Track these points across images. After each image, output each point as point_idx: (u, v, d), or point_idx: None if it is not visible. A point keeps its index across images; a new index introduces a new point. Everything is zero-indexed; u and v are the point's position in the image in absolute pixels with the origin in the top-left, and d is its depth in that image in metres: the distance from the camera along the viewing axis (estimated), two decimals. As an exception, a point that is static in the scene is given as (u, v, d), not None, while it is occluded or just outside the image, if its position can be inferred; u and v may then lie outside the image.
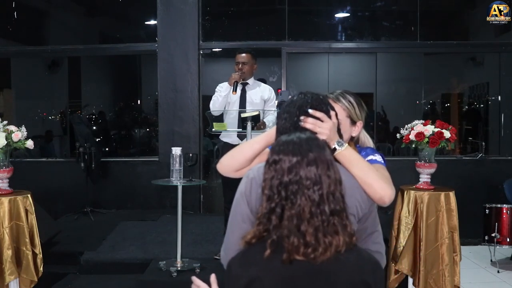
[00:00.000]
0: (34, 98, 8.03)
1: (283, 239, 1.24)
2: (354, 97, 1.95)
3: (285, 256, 1.23)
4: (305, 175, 1.27)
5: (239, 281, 1.27)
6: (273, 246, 1.24)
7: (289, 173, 1.28)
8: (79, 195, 5.88)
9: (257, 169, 1.58)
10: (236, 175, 1.78)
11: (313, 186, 1.27)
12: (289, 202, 1.26)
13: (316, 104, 1.62)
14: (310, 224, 1.24)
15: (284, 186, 1.27)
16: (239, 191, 1.59)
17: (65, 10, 7.49)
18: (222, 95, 4.10)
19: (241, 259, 1.31)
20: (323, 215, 1.25)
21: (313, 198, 1.26)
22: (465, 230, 4.00)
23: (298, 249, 1.23)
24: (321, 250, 1.23)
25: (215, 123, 3.82)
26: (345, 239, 1.27)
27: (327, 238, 1.24)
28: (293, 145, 1.32)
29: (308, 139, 1.35)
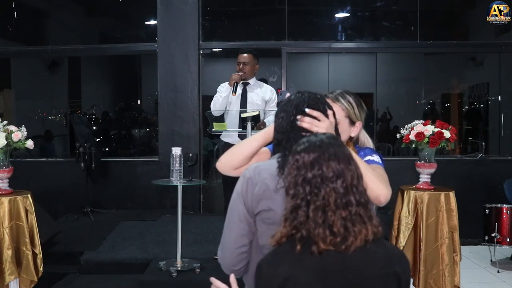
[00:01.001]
0: (34, 98, 8.03)
1: (311, 232, 1.25)
2: (354, 97, 1.94)
3: (314, 248, 1.24)
4: (327, 169, 1.29)
5: (272, 281, 1.26)
6: (302, 241, 1.25)
7: (312, 168, 1.30)
8: (79, 195, 5.88)
9: (253, 168, 1.58)
10: (235, 173, 1.79)
11: (336, 179, 1.29)
12: (313, 196, 1.28)
13: (313, 103, 1.62)
14: (336, 214, 1.26)
15: (308, 182, 1.29)
16: (236, 190, 1.60)
17: (65, 10, 7.49)
18: (223, 96, 4.10)
19: (272, 259, 1.30)
20: (349, 205, 1.28)
21: (338, 190, 1.28)
22: (465, 230, 4.01)
23: (325, 239, 1.24)
24: (351, 239, 1.25)
25: (215, 123, 3.82)
26: (373, 230, 1.29)
27: (356, 227, 1.26)
28: (313, 143, 1.34)
29: (328, 137, 1.38)
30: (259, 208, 1.53)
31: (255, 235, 1.56)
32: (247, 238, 1.56)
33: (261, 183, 1.53)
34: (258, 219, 1.54)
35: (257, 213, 1.54)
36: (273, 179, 1.52)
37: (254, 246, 1.57)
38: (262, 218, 1.53)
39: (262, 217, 1.53)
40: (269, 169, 1.55)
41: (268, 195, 1.52)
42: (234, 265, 1.58)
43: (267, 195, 1.52)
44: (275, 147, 1.65)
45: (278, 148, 1.62)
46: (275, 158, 1.57)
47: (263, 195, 1.52)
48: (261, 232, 1.54)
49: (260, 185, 1.53)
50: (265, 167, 1.57)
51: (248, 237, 1.56)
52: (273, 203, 1.51)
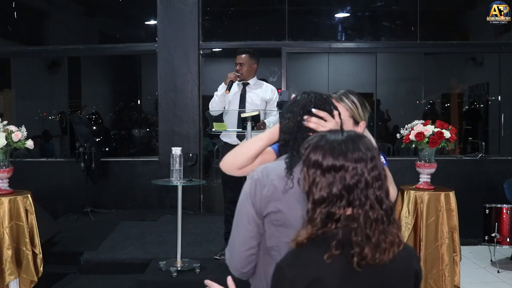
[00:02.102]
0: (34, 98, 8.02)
1: (354, 246, 1.22)
2: (358, 97, 1.94)
3: (356, 263, 1.22)
4: (370, 179, 1.25)
5: (297, 283, 1.23)
6: (339, 249, 1.22)
7: (353, 178, 1.24)
8: (79, 195, 5.88)
9: (261, 170, 1.57)
10: (239, 173, 1.78)
11: (378, 189, 1.25)
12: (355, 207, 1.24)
13: (320, 104, 1.62)
14: (376, 228, 1.24)
15: (347, 192, 1.24)
16: (244, 192, 1.58)
17: (65, 10, 7.48)
18: (219, 95, 4.10)
19: (296, 260, 1.26)
20: (384, 216, 1.25)
21: (377, 201, 1.25)
22: (465, 230, 4.01)
23: (368, 256, 1.22)
24: (386, 252, 1.24)
25: (215, 123, 3.81)
26: (400, 234, 1.29)
27: (389, 238, 1.25)
28: (350, 146, 1.27)
29: (359, 137, 1.31)
30: (268, 210, 1.52)
31: (263, 237, 1.55)
32: (255, 240, 1.54)
33: (269, 185, 1.52)
34: (266, 220, 1.53)
35: (266, 215, 1.53)
36: (282, 180, 1.51)
37: (262, 248, 1.56)
38: (270, 219, 1.52)
39: (270, 219, 1.52)
40: (277, 170, 1.54)
41: (276, 197, 1.51)
42: (242, 267, 1.57)
43: (275, 197, 1.51)
44: (282, 147, 1.64)
45: (284, 149, 1.61)
46: (283, 159, 1.56)
47: (272, 197, 1.51)
48: (269, 234, 1.53)
49: (268, 186, 1.52)
50: (273, 168, 1.56)
51: (256, 239, 1.54)
52: (281, 204, 1.50)
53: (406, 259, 1.31)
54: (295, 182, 1.49)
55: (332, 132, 1.34)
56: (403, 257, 1.30)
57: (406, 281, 1.31)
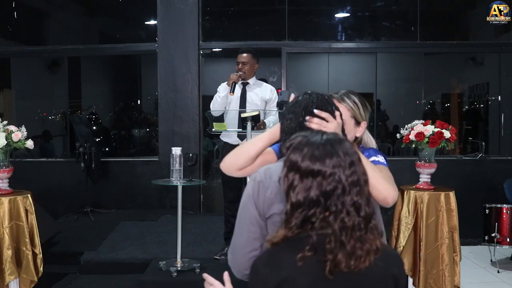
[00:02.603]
0: (34, 98, 8.02)
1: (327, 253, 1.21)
2: (359, 97, 1.94)
3: (328, 270, 1.21)
4: (348, 185, 1.24)
5: (268, 282, 1.25)
6: (312, 251, 1.22)
7: (330, 184, 1.23)
8: (79, 195, 5.88)
9: (263, 171, 1.57)
10: (239, 174, 1.78)
11: (355, 195, 1.24)
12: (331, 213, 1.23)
13: (322, 104, 1.62)
14: (352, 235, 1.23)
15: (325, 197, 1.23)
16: (246, 193, 1.57)
17: (65, 10, 7.48)
18: (221, 96, 4.10)
19: (270, 260, 1.28)
20: (362, 223, 1.24)
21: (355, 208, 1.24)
22: (465, 230, 4.01)
23: (341, 263, 1.21)
24: (362, 259, 1.22)
25: (215, 123, 3.81)
26: (379, 241, 1.27)
27: (365, 246, 1.23)
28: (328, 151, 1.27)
29: (339, 142, 1.30)
30: (271, 212, 1.51)
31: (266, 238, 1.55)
32: (258, 242, 1.54)
33: (272, 186, 1.52)
34: (269, 222, 1.53)
35: (269, 217, 1.52)
36: None
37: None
38: (273, 221, 1.51)
39: (273, 221, 1.51)
40: (280, 171, 1.53)
41: (280, 198, 1.50)
42: (245, 269, 1.55)
43: (279, 198, 1.50)
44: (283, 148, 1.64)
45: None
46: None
47: (275, 199, 1.51)
48: None
49: (271, 188, 1.52)
50: (276, 169, 1.55)
51: (259, 240, 1.54)
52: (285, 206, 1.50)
53: (385, 265, 1.29)
54: None
55: (314, 133, 1.34)
56: (381, 262, 1.27)
57: (382, 286, 1.29)
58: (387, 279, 1.30)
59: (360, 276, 1.25)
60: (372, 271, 1.25)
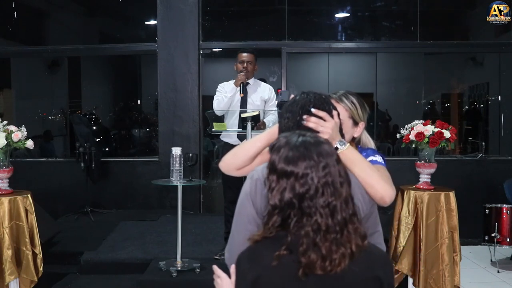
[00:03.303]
0: (34, 98, 8.03)
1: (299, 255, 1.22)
2: (357, 97, 1.95)
3: (301, 272, 1.21)
4: (320, 187, 1.24)
5: (247, 276, 1.27)
6: (287, 251, 1.23)
7: (302, 186, 1.24)
8: (79, 195, 5.88)
9: (261, 169, 1.57)
10: (238, 173, 1.78)
11: (329, 196, 1.25)
12: (304, 216, 1.24)
13: (319, 104, 1.62)
14: (326, 238, 1.23)
15: (298, 199, 1.24)
16: (244, 192, 1.58)
17: (65, 10, 7.49)
18: (228, 96, 4.08)
19: (250, 255, 1.31)
20: (337, 226, 1.24)
21: (329, 210, 1.24)
22: (465, 230, 4.00)
23: (315, 265, 1.22)
24: (337, 262, 1.22)
25: (215, 123, 3.81)
26: (358, 243, 1.26)
27: (341, 249, 1.23)
28: (302, 153, 1.27)
29: (315, 144, 1.31)
30: None
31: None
32: None
33: None
34: None
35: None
36: None
37: None
38: None
39: None
40: None
41: None
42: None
43: None
44: None
45: None
46: None
47: None
48: None
49: None
50: None
51: None
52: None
53: (366, 264, 1.28)
54: None
55: (294, 135, 1.35)
56: (362, 262, 1.27)
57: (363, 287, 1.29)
58: (368, 283, 1.28)
59: (336, 279, 1.24)
60: (349, 275, 1.25)
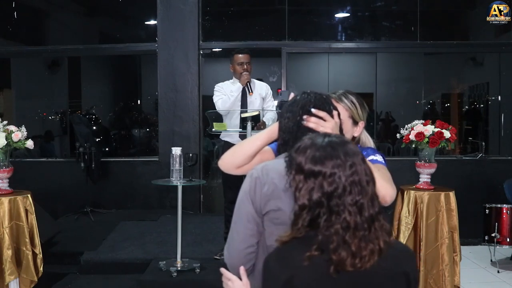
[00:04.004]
0: (34, 98, 8.03)
1: (330, 253, 1.24)
2: (356, 97, 1.95)
3: (333, 270, 1.23)
4: (348, 185, 1.26)
5: (279, 277, 1.27)
6: (319, 250, 1.25)
7: (330, 185, 1.26)
8: (79, 195, 5.88)
9: (261, 168, 1.57)
10: (237, 172, 1.78)
11: (356, 195, 1.26)
12: (333, 214, 1.26)
13: (319, 104, 1.62)
14: (355, 235, 1.25)
15: (327, 198, 1.26)
16: (243, 190, 1.58)
17: (65, 10, 7.48)
18: (235, 95, 4.08)
19: (279, 256, 1.31)
20: (365, 223, 1.26)
21: (357, 207, 1.26)
22: (465, 230, 4.01)
23: (346, 262, 1.24)
24: (367, 259, 1.25)
25: (215, 123, 3.82)
26: (385, 239, 1.29)
27: (369, 245, 1.25)
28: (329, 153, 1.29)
29: (341, 144, 1.33)
30: (268, 208, 1.52)
31: (263, 235, 1.55)
32: (255, 238, 1.54)
33: (269, 183, 1.52)
34: (266, 219, 1.53)
35: (265, 213, 1.52)
36: (282, 179, 1.50)
37: (261, 247, 1.56)
38: (270, 218, 1.52)
39: (270, 217, 1.52)
40: (277, 168, 1.53)
41: (277, 195, 1.51)
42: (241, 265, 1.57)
43: (276, 195, 1.51)
44: (281, 146, 1.65)
45: (284, 148, 1.62)
46: (282, 158, 1.56)
47: (272, 195, 1.51)
48: (269, 233, 1.53)
49: (268, 185, 1.52)
50: (273, 166, 1.56)
51: (256, 237, 1.54)
52: (282, 202, 1.50)
53: (394, 260, 1.31)
54: None
55: (319, 136, 1.37)
56: (389, 260, 1.29)
57: (392, 283, 1.31)
58: (396, 278, 1.31)
59: (366, 275, 1.26)
60: (378, 271, 1.27)
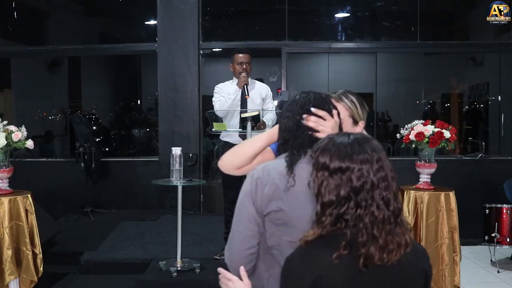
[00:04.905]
0: (34, 98, 8.03)
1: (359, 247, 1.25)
2: (356, 97, 1.95)
3: (362, 263, 1.24)
4: (376, 180, 1.27)
5: (305, 277, 1.27)
6: (347, 249, 1.25)
7: (359, 179, 1.27)
8: (79, 195, 5.88)
9: (261, 169, 1.57)
10: (237, 172, 1.78)
11: (384, 190, 1.27)
12: (361, 208, 1.26)
13: (319, 103, 1.63)
14: (383, 229, 1.26)
15: (355, 192, 1.26)
16: (244, 190, 1.57)
17: (65, 10, 7.48)
18: (232, 97, 4.08)
19: (305, 256, 1.30)
20: (392, 217, 1.27)
21: (384, 202, 1.27)
22: (465, 230, 4.01)
23: (374, 255, 1.24)
24: (394, 253, 1.26)
25: (215, 123, 3.82)
26: (409, 235, 1.30)
27: (396, 239, 1.27)
28: (356, 148, 1.30)
29: (366, 140, 1.33)
30: (269, 209, 1.51)
31: (264, 236, 1.54)
32: (256, 239, 1.54)
33: (270, 184, 1.52)
34: (267, 219, 1.53)
35: (267, 214, 1.52)
36: (283, 179, 1.50)
37: (262, 247, 1.55)
38: (271, 218, 1.52)
39: (271, 218, 1.52)
40: (278, 168, 1.53)
41: (278, 196, 1.51)
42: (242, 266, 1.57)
43: (277, 196, 1.51)
44: (281, 146, 1.65)
45: (284, 148, 1.62)
46: (283, 158, 1.56)
47: (273, 196, 1.51)
48: (270, 233, 1.53)
49: (269, 185, 1.52)
50: (274, 167, 1.56)
51: (257, 238, 1.54)
52: (283, 203, 1.50)
53: (415, 259, 1.33)
54: (296, 180, 1.49)
55: (340, 135, 1.37)
56: (412, 256, 1.31)
57: (415, 282, 1.33)
58: (417, 274, 1.33)
59: (393, 269, 1.27)
60: (403, 265, 1.28)
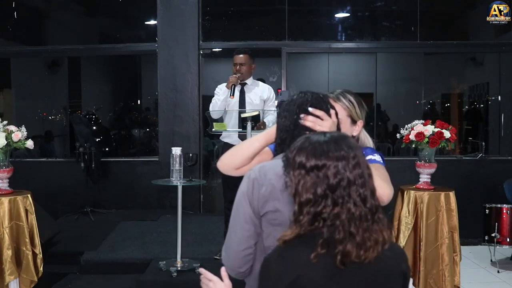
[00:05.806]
0: (34, 98, 8.03)
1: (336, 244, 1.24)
2: (355, 96, 1.95)
3: (339, 261, 1.24)
4: (352, 177, 1.27)
5: (284, 277, 1.26)
6: (324, 247, 1.25)
7: (335, 177, 1.26)
8: (79, 195, 5.88)
9: (258, 169, 1.57)
10: (236, 173, 1.78)
11: (360, 187, 1.27)
12: (338, 205, 1.26)
13: (316, 103, 1.63)
14: (360, 226, 1.26)
15: (331, 191, 1.26)
16: (241, 191, 1.57)
17: (65, 10, 7.49)
18: (221, 99, 4.08)
19: (283, 256, 1.29)
20: (368, 214, 1.27)
21: (361, 199, 1.27)
22: (465, 230, 4.00)
23: (351, 253, 1.24)
24: (371, 250, 1.26)
25: (215, 123, 3.82)
26: (387, 233, 1.30)
27: (373, 236, 1.26)
28: (332, 146, 1.30)
29: (342, 138, 1.34)
30: (266, 209, 1.51)
31: (260, 236, 1.54)
32: (252, 240, 1.54)
33: (267, 184, 1.52)
34: (264, 220, 1.53)
35: (263, 214, 1.52)
36: (279, 179, 1.49)
37: (259, 248, 1.55)
38: (268, 219, 1.52)
39: (268, 218, 1.52)
40: (275, 169, 1.53)
41: (275, 196, 1.51)
42: (239, 267, 1.56)
43: (273, 196, 1.51)
44: (278, 146, 1.65)
45: (281, 147, 1.62)
46: (280, 158, 1.56)
47: (270, 196, 1.51)
48: (267, 234, 1.53)
49: (266, 186, 1.52)
50: (270, 167, 1.56)
51: (253, 238, 1.54)
52: (279, 203, 1.50)
53: (393, 259, 1.32)
54: None
55: (316, 134, 1.37)
56: (390, 257, 1.31)
57: (393, 282, 1.32)
58: (396, 275, 1.33)
59: (371, 268, 1.27)
60: (382, 264, 1.28)
